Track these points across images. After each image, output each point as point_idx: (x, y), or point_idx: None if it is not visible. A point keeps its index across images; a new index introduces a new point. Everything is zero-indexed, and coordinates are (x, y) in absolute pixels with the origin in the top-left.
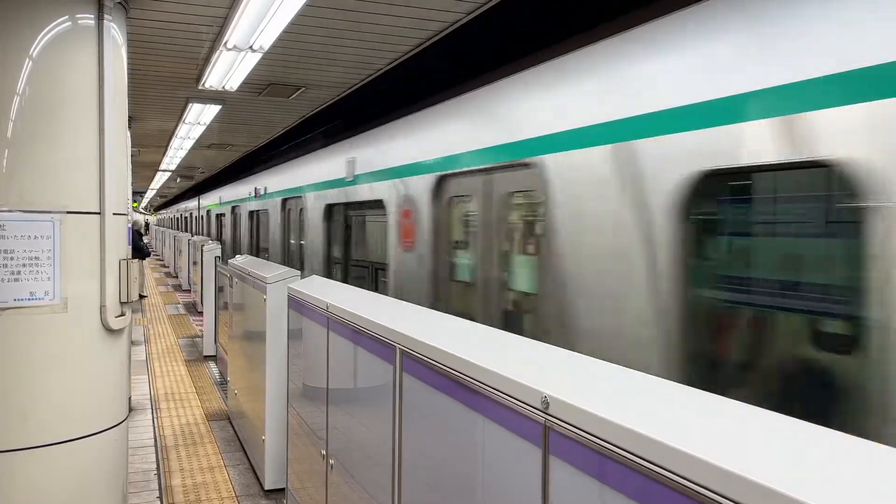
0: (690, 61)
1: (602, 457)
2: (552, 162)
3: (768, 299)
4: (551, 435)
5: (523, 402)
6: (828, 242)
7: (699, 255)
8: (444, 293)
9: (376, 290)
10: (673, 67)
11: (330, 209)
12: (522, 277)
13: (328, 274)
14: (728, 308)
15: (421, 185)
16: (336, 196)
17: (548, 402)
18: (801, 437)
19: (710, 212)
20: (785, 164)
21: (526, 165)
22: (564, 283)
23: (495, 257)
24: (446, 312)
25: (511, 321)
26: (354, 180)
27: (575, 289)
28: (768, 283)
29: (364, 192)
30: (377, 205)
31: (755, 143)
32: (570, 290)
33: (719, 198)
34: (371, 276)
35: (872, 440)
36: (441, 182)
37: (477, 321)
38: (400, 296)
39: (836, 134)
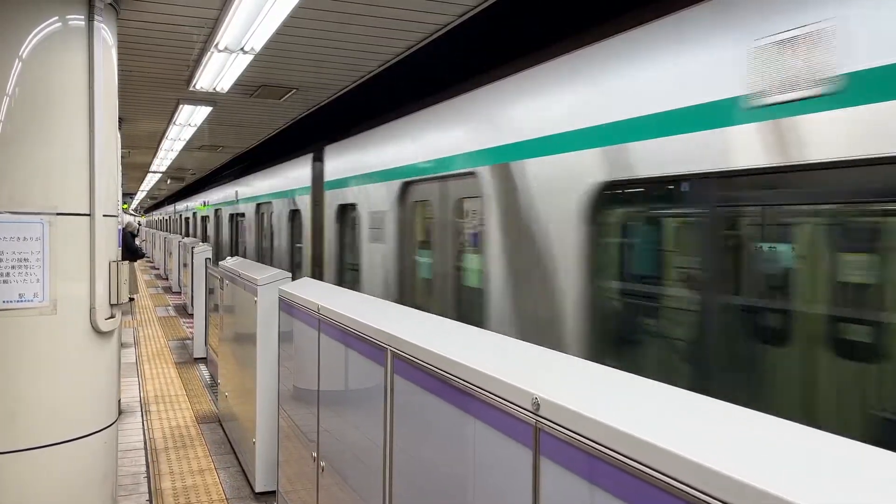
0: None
1: (592, 458)
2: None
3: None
4: (542, 436)
5: (514, 404)
6: None
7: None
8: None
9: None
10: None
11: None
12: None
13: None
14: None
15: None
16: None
17: (538, 404)
18: (788, 438)
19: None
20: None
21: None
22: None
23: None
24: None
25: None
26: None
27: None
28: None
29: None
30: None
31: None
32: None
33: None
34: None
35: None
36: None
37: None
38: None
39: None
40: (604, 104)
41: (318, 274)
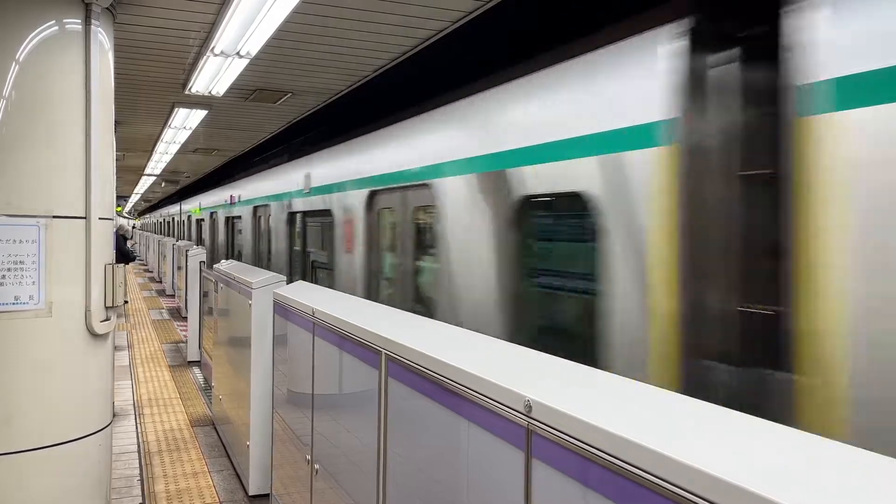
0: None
1: (584, 460)
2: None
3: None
4: (534, 438)
5: (506, 406)
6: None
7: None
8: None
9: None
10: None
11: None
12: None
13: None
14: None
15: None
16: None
17: (530, 406)
18: (780, 441)
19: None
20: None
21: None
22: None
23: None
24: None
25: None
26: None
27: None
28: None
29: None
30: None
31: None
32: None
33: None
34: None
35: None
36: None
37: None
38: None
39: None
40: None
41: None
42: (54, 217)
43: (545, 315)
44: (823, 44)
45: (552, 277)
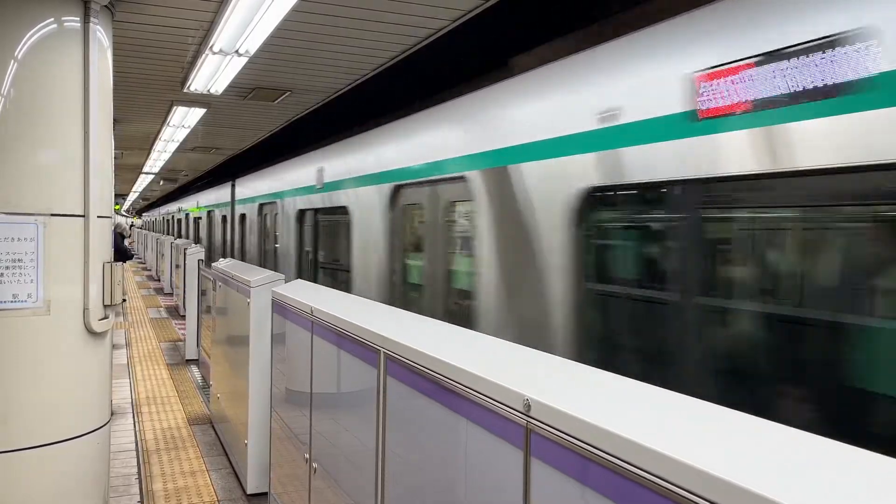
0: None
1: (582, 458)
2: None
3: None
4: (532, 437)
5: (505, 405)
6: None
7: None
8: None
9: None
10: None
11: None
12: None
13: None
14: None
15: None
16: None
17: (529, 405)
18: (780, 440)
19: None
20: None
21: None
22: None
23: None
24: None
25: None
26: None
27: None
28: None
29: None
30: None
31: None
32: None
33: None
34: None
35: None
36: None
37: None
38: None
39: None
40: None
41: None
42: (53, 215)
43: None
44: None
45: None
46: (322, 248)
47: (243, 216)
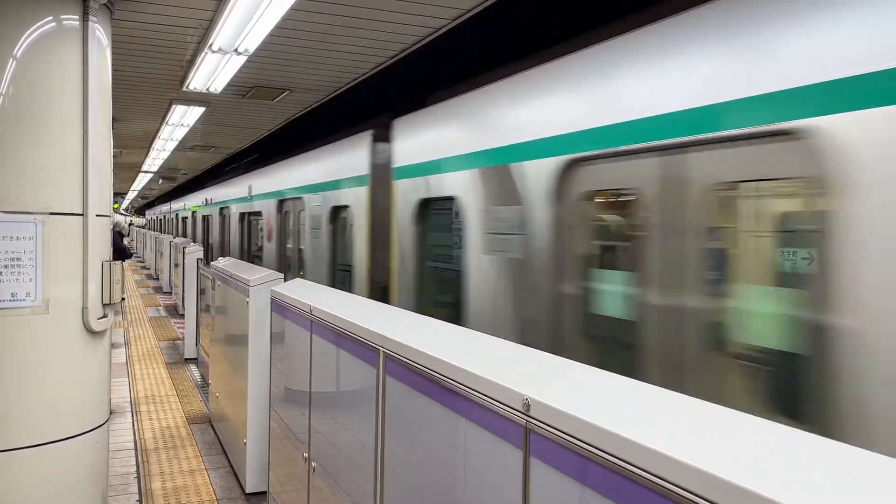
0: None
1: (582, 458)
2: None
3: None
4: (532, 437)
5: (505, 405)
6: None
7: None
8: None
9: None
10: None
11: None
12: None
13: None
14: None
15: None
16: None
17: (529, 405)
18: (777, 439)
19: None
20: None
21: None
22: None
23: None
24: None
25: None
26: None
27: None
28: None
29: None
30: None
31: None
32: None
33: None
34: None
35: None
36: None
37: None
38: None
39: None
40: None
41: None
42: (51, 214)
43: None
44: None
45: None
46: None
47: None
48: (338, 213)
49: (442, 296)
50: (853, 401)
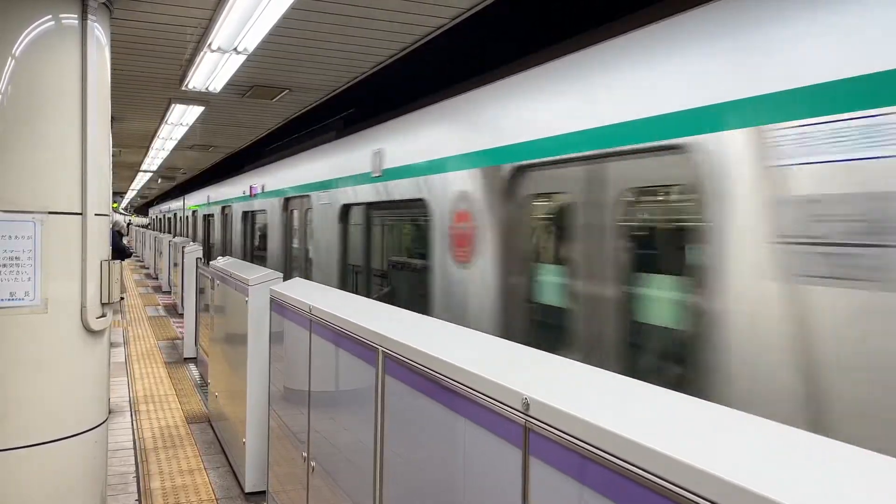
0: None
1: (581, 457)
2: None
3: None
4: (531, 436)
5: (504, 404)
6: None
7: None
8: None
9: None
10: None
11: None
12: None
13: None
14: None
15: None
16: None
17: (528, 404)
18: (777, 439)
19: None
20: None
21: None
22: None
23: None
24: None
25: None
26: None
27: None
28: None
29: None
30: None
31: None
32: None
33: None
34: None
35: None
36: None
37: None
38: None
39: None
40: None
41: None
42: (50, 213)
43: None
44: None
45: None
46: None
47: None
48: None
49: None
50: None
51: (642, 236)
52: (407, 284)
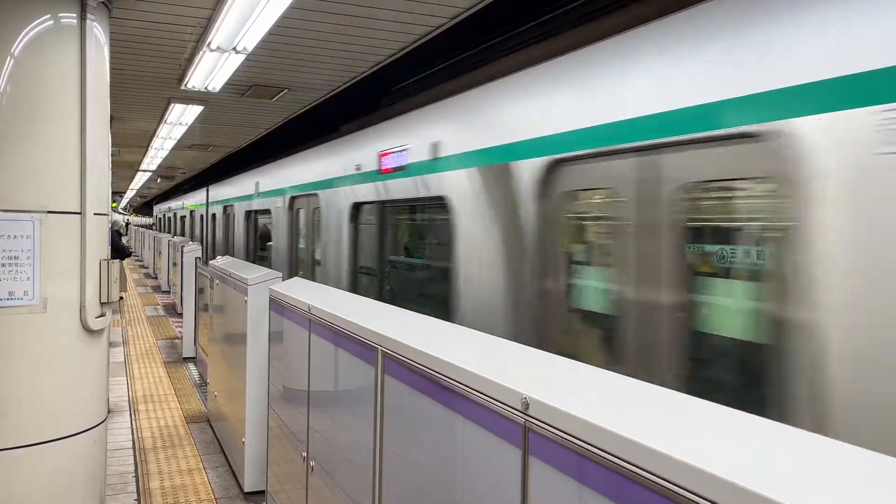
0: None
1: (580, 457)
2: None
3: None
4: (531, 436)
5: (503, 404)
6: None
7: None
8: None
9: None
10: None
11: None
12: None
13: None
14: None
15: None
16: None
17: (527, 404)
18: (780, 439)
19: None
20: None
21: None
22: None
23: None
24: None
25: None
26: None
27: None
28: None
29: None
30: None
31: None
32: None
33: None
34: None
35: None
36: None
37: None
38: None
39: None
40: None
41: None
42: (49, 212)
43: None
44: None
45: None
46: None
47: None
48: None
49: None
50: None
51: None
52: None
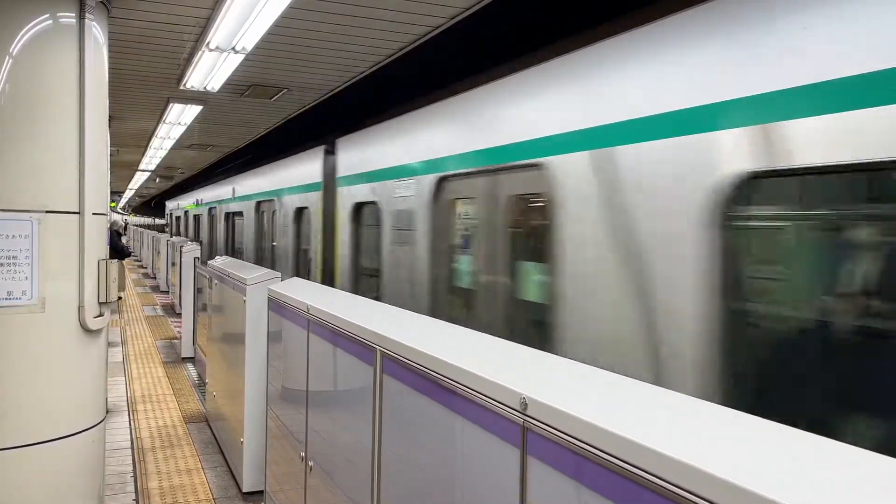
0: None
1: (579, 457)
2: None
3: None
4: (529, 436)
5: (502, 404)
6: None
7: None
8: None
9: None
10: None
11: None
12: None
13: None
14: None
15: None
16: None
17: (526, 404)
18: (780, 440)
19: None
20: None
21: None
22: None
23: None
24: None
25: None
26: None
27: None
28: None
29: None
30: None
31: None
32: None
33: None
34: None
35: None
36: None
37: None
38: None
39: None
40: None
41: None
42: (48, 212)
43: None
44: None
45: None
46: None
47: None
48: None
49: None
50: None
51: None
52: None
